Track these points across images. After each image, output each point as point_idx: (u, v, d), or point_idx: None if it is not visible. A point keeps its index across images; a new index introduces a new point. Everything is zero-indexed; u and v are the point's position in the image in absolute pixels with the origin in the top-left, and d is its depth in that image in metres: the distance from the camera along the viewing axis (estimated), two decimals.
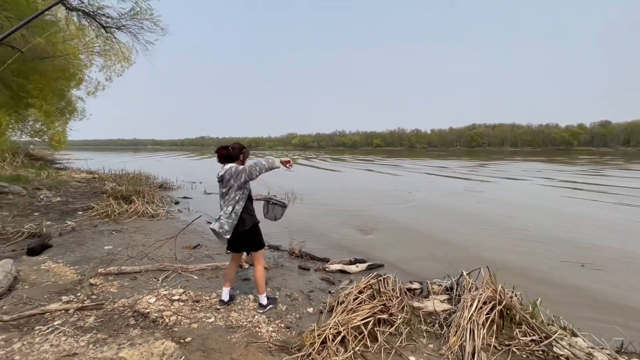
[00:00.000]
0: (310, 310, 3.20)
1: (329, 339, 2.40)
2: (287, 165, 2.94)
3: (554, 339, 2.51)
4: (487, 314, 2.67)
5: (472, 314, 2.61)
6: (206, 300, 3.28)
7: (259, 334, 2.70)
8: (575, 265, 4.84)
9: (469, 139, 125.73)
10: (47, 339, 2.44)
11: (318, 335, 2.43)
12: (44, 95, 14.38)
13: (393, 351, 2.43)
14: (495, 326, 2.61)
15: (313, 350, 2.32)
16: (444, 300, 3.35)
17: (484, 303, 2.78)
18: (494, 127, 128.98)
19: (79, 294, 3.26)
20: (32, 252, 4.35)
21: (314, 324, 2.56)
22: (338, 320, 2.54)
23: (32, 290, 3.30)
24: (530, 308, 3.01)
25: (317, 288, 3.81)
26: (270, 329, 2.80)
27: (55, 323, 2.68)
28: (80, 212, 6.92)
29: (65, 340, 2.44)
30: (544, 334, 2.58)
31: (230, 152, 3.02)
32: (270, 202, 3.30)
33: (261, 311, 3.07)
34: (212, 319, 2.91)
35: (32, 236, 5.04)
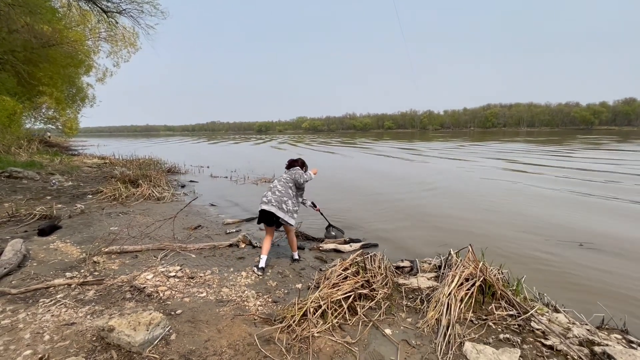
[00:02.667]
0: (299, 286, 3.32)
1: (309, 312, 2.51)
2: (315, 173, 4.21)
3: (531, 314, 2.55)
4: (468, 289, 2.72)
5: (451, 290, 2.67)
6: (200, 277, 3.44)
7: (247, 307, 2.84)
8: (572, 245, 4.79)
9: (484, 120, 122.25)
10: (49, 310, 2.63)
11: (299, 309, 2.54)
12: (54, 83, 14.74)
13: (370, 324, 2.52)
14: (473, 301, 2.66)
15: (293, 322, 2.44)
16: (431, 277, 3.41)
17: (466, 279, 2.82)
18: (510, 107, 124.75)
19: (82, 270, 3.46)
20: (43, 232, 4.60)
21: (296, 298, 2.67)
22: (319, 295, 2.64)
23: (40, 267, 3.52)
24: (515, 286, 3.05)
25: (309, 266, 3.92)
26: (258, 303, 2.93)
27: (58, 296, 2.87)
28: (90, 196, 7.19)
29: (66, 311, 2.63)
30: (522, 310, 2.62)
31: (296, 161, 4.21)
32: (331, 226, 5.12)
33: (296, 262, 3.99)
34: (204, 294, 3.06)
35: (43, 218, 5.30)
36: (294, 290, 3.24)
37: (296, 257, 4.07)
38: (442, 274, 3.33)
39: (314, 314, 2.52)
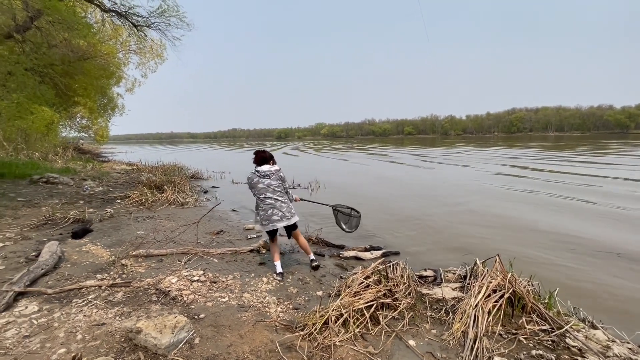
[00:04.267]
0: (320, 293, 3.30)
1: (331, 320, 2.48)
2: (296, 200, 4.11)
3: (566, 330, 2.41)
4: (496, 301, 2.60)
5: (478, 301, 2.56)
6: (223, 281, 3.49)
7: (268, 313, 2.85)
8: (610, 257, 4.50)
9: (508, 125, 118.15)
10: (81, 310, 2.75)
11: (320, 316, 2.52)
12: (88, 94, 15.60)
13: (393, 334, 2.46)
14: (502, 314, 2.54)
15: (315, 330, 2.42)
16: (456, 288, 3.30)
17: (494, 291, 2.71)
18: (536, 110, 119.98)
19: (111, 272, 3.60)
20: (76, 235, 4.84)
21: (317, 306, 2.65)
22: (341, 303, 2.61)
23: (73, 269, 3.69)
24: (547, 299, 2.90)
25: (329, 273, 3.89)
26: (279, 309, 2.93)
27: (90, 297, 3.00)
28: (119, 201, 7.51)
29: (97, 311, 2.74)
30: (556, 325, 2.48)
31: (265, 154, 3.75)
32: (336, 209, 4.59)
33: (315, 264, 3.91)
34: (226, 299, 3.11)
35: (76, 222, 5.58)
36: (315, 297, 3.22)
37: (313, 257, 4.01)
38: (468, 284, 3.21)
39: (336, 322, 2.49)
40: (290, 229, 3.79)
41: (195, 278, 3.51)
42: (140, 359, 2.14)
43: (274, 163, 3.79)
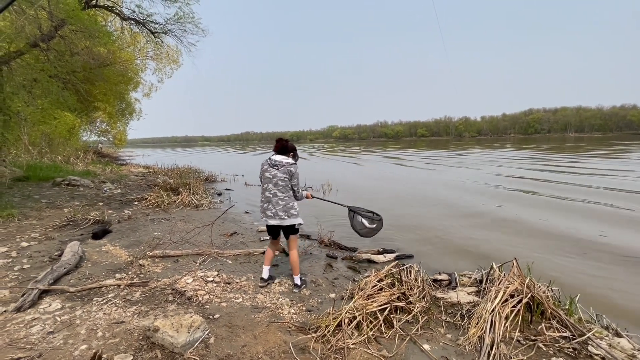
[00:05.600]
0: (333, 295, 3.30)
1: (344, 323, 2.48)
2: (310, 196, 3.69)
3: (588, 337, 2.33)
4: (514, 306, 2.54)
5: (495, 306, 2.51)
6: (237, 282, 3.53)
7: (281, 315, 2.87)
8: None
9: (525, 126, 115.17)
10: (101, 309, 2.83)
11: (334, 319, 2.52)
12: (107, 99, 16.14)
13: (407, 338, 2.43)
14: (520, 320, 2.48)
15: (328, 332, 2.42)
16: (472, 292, 3.24)
17: (511, 296, 2.65)
18: (555, 111, 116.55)
19: (129, 272, 3.70)
20: (96, 236, 4.99)
21: (330, 308, 2.65)
22: (354, 306, 2.61)
23: (94, 268, 3.81)
24: (567, 305, 2.81)
25: (342, 275, 3.89)
26: (292, 311, 2.95)
27: (109, 296, 3.09)
28: (136, 203, 7.72)
29: (116, 310, 2.82)
30: (578, 332, 2.40)
31: (286, 144, 3.43)
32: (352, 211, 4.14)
33: (296, 290, 3.38)
34: (240, 300, 3.14)
35: (96, 223, 5.76)
36: (328, 299, 3.22)
37: (298, 282, 3.42)
38: (484, 289, 3.15)
39: (349, 325, 2.48)
40: (287, 232, 3.38)
41: (210, 279, 3.56)
42: (158, 357, 2.19)
43: (294, 157, 3.46)
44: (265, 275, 3.50)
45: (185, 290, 3.24)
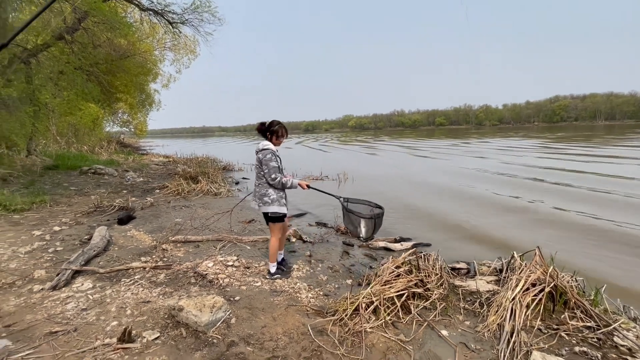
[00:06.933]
0: (349, 282, 3.34)
1: (361, 307, 2.51)
2: (305, 186, 3.21)
3: (614, 328, 2.26)
4: (535, 295, 2.49)
5: (516, 295, 2.47)
6: (255, 267, 3.62)
7: (299, 298, 2.93)
8: None
9: (550, 114, 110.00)
10: (129, 289, 2.98)
11: (351, 303, 2.55)
12: (128, 90, 16.52)
13: (425, 324, 2.44)
14: (542, 309, 2.43)
15: (345, 316, 2.46)
16: (491, 281, 3.19)
17: (533, 285, 2.59)
18: (583, 98, 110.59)
19: (153, 256, 3.86)
20: (121, 222, 5.21)
21: (348, 292, 2.68)
22: (371, 291, 2.63)
23: (120, 252, 4.00)
24: (593, 295, 2.73)
25: (358, 263, 3.91)
26: (310, 295, 3.00)
27: (136, 277, 3.24)
28: (158, 190, 7.97)
29: (142, 290, 2.96)
30: (603, 322, 2.33)
31: (261, 127, 3.22)
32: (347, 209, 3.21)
33: (267, 277, 3.30)
34: (259, 283, 3.22)
35: (121, 209, 6.00)
36: (344, 285, 3.26)
37: (271, 269, 3.31)
38: (504, 277, 3.10)
39: (366, 309, 2.51)
40: (266, 219, 3.27)
41: (230, 263, 3.66)
42: (183, 334, 2.29)
43: (274, 137, 3.17)
44: (272, 268, 3.37)
45: (206, 274, 3.35)
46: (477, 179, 9.97)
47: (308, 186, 3.21)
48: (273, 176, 3.06)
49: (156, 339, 2.23)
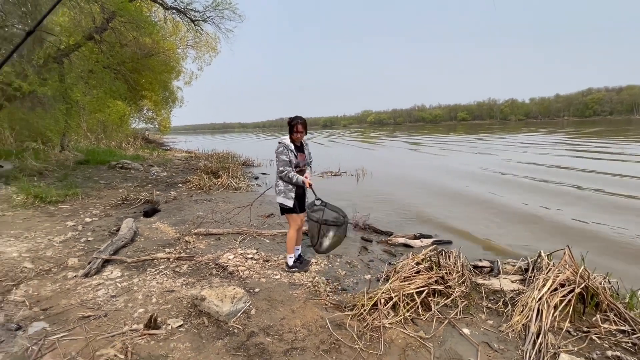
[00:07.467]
0: (368, 277, 3.32)
1: (380, 302, 2.49)
2: (307, 184, 3.16)
3: None
4: (564, 296, 2.39)
5: (543, 295, 2.37)
6: (274, 260, 3.67)
7: (318, 292, 2.94)
8: None
9: (582, 107, 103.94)
10: (154, 278, 3.10)
11: (369, 298, 2.54)
12: (152, 88, 17.06)
13: (446, 321, 2.39)
14: (571, 310, 2.32)
15: (364, 310, 2.45)
16: (516, 280, 3.08)
17: (561, 285, 2.48)
18: (619, 90, 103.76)
19: (177, 247, 3.99)
20: (147, 214, 5.42)
21: (366, 288, 2.67)
22: (390, 287, 2.60)
23: (146, 243, 4.16)
24: (628, 298, 2.58)
25: (377, 258, 3.89)
26: (328, 289, 3.01)
27: (160, 267, 3.37)
28: (180, 185, 8.22)
29: (167, 280, 3.07)
30: (639, 326, 2.20)
31: (289, 121, 3.29)
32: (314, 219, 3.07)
33: (286, 270, 3.39)
34: (278, 276, 3.27)
35: (146, 202, 6.23)
36: (363, 280, 3.25)
37: (289, 262, 3.38)
38: (530, 277, 2.98)
39: (385, 305, 2.49)
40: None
41: (250, 256, 3.73)
42: (205, 323, 2.36)
43: (292, 133, 3.23)
44: (290, 261, 3.42)
45: (227, 266, 3.43)
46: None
47: (310, 185, 3.17)
48: (281, 169, 3.18)
49: (180, 326, 2.31)
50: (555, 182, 8.31)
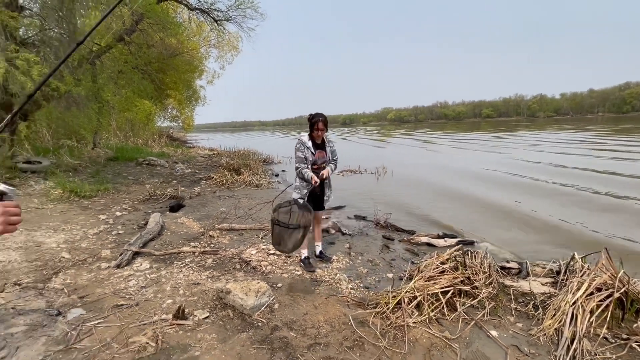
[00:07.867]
0: (390, 275, 3.28)
1: (404, 301, 2.46)
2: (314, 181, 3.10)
3: None
4: (601, 301, 2.26)
5: (578, 299, 2.26)
6: (296, 256, 3.69)
7: (340, 289, 2.95)
8: None
9: (619, 103, 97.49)
10: (181, 271, 3.21)
11: (393, 297, 2.51)
12: (177, 87, 17.56)
13: (472, 322, 2.33)
14: (609, 316, 2.20)
15: (387, 309, 2.43)
16: (547, 283, 2.96)
17: (598, 289, 2.35)
18: None
19: (202, 241, 4.10)
20: (172, 209, 5.60)
21: (390, 286, 2.64)
22: (415, 286, 2.56)
23: (172, 237, 4.30)
24: None
25: (399, 257, 3.84)
26: (350, 286, 3.01)
27: (187, 260, 3.48)
28: (204, 181, 8.44)
29: (193, 273, 3.17)
30: None
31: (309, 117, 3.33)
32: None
33: (320, 258, 3.56)
34: (300, 272, 3.30)
35: (172, 198, 6.45)
36: (385, 278, 3.22)
37: (318, 249, 3.61)
38: (562, 280, 2.85)
39: (409, 304, 2.45)
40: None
41: (272, 251, 3.77)
42: (230, 315, 2.42)
43: (313, 130, 3.22)
44: (305, 253, 3.43)
45: (250, 260, 3.49)
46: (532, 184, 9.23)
47: (316, 183, 3.11)
48: (295, 165, 3.28)
49: (206, 318, 2.38)
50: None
